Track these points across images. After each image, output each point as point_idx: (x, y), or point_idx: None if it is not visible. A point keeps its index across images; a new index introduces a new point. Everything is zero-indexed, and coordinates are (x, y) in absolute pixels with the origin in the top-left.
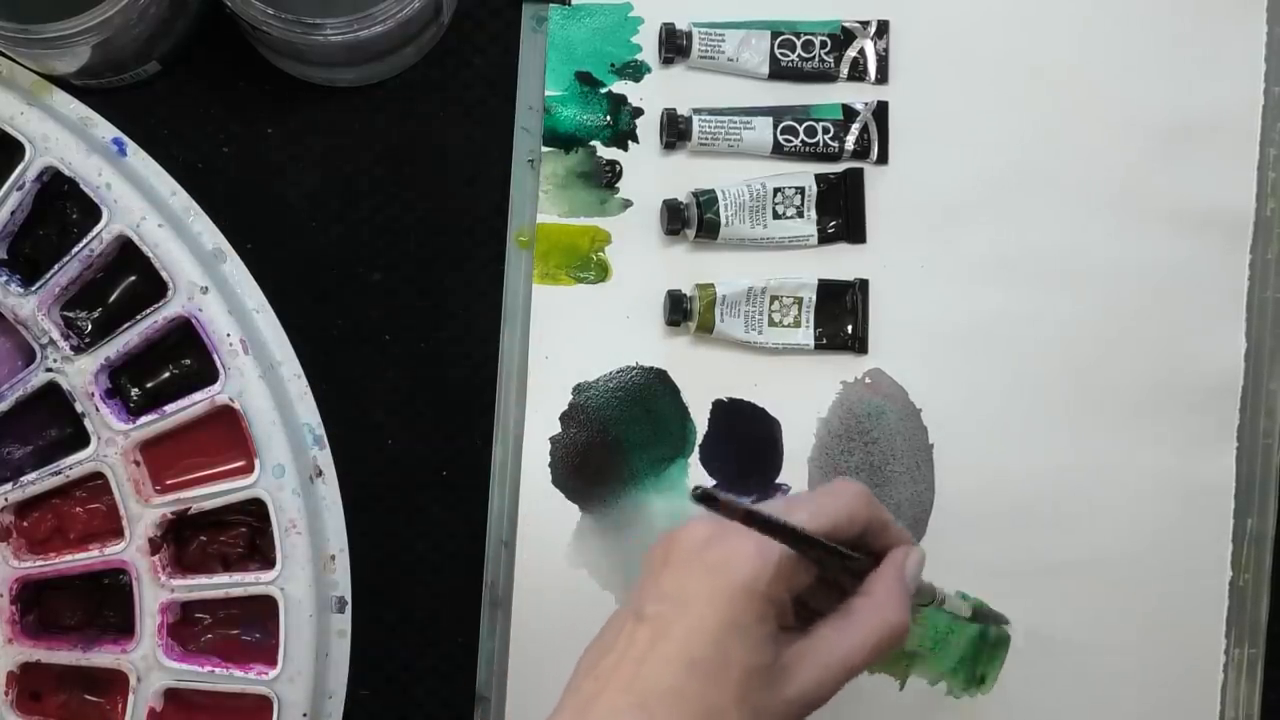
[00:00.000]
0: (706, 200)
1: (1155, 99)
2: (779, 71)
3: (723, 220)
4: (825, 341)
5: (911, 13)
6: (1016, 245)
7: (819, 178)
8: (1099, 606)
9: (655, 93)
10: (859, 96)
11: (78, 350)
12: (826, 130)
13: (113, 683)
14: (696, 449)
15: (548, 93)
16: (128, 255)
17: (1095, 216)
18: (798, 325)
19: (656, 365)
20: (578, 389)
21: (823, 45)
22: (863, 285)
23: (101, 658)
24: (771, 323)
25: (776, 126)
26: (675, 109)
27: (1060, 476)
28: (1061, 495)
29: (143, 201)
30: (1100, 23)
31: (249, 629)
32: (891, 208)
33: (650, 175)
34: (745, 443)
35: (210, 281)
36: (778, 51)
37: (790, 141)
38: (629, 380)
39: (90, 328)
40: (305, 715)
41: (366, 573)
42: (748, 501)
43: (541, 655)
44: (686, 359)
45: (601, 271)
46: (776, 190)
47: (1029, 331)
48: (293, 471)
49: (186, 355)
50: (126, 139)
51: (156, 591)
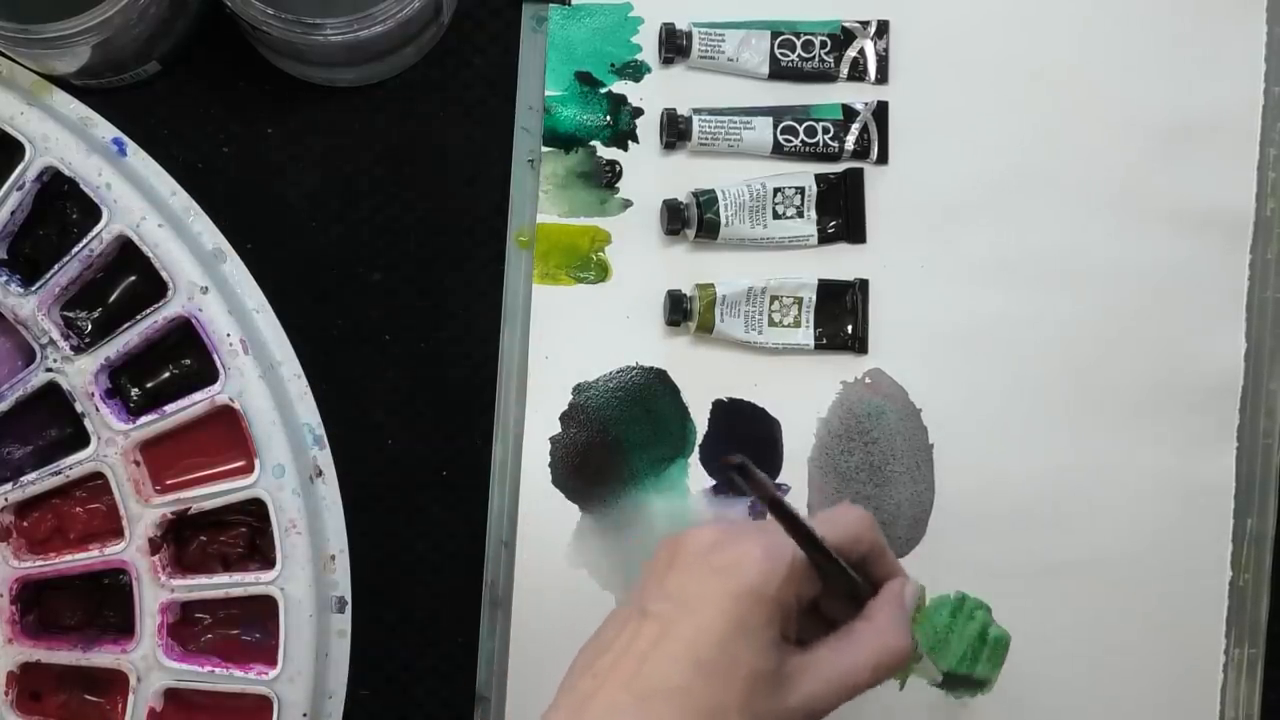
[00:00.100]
0: (706, 200)
1: (1155, 99)
2: (779, 71)
3: (723, 220)
4: (825, 341)
5: (911, 13)
6: (1016, 245)
7: (819, 178)
8: (1099, 606)
9: (655, 93)
10: (859, 96)
11: (78, 350)
12: (826, 130)
13: (113, 683)
14: (696, 449)
15: (548, 93)
16: (128, 255)
17: (1095, 216)
18: (798, 325)
19: (656, 365)
20: (578, 389)
21: (823, 45)
22: (863, 285)
23: (101, 658)
24: (771, 323)
25: (776, 126)
26: (675, 109)
27: (1060, 476)
28: (1061, 495)
29: (143, 201)
30: (1100, 23)
31: (249, 629)
32: (891, 208)
33: (650, 175)
34: (745, 443)
35: (210, 281)
36: (778, 51)
37: (790, 141)
38: (629, 380)
39: (90, 328)
40: (305, 715)
41: (366, 573)
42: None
43: (541, 655)
44: (686, 359)
45: (601, 271)
46: (776, 190)
47: (1029, 331)
48: (293, 471)
49: (186, 355)
50: (126, 139)
51: (156, 591)
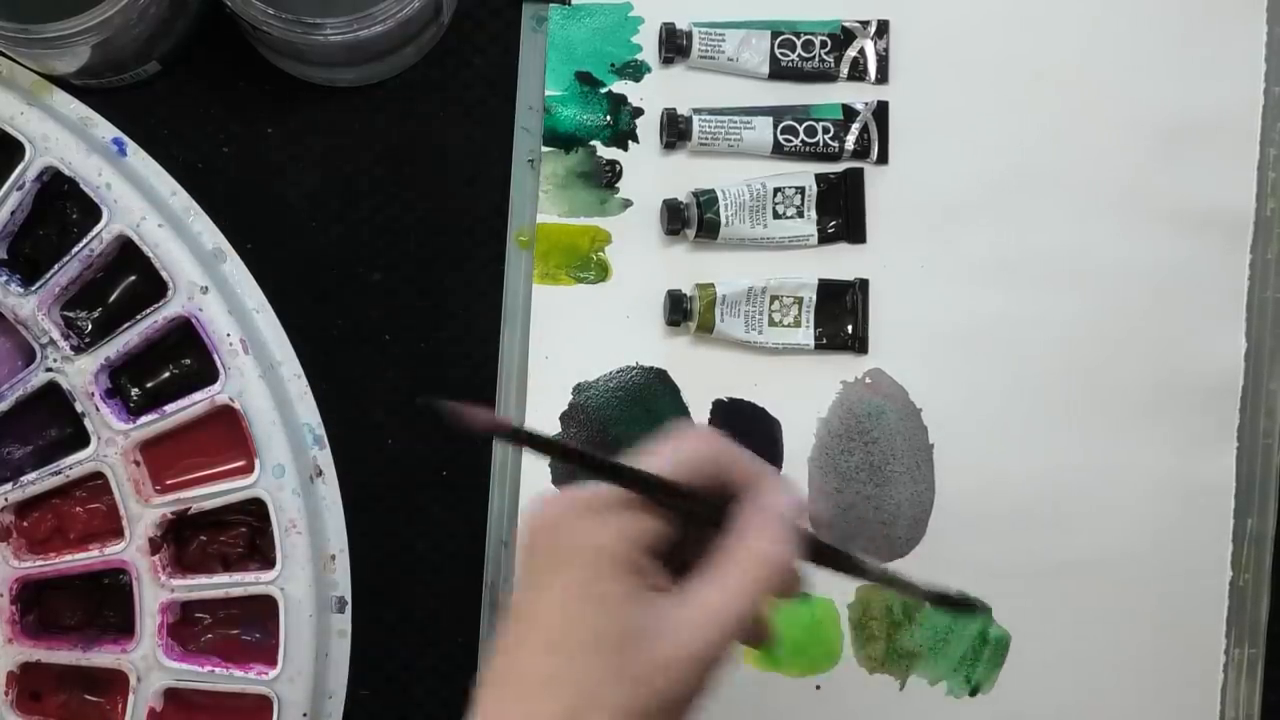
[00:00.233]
0: (706, 200)
1: (1154, 99)
2: (779, 71)
3: (723, 220)
4: (825, 341)
5: (911, 13)
6: (1016, 245)
7: (819, 177)
8: (1099, 606)
9: (655, 93)
10: (859, 96)
11: (78, 350)
12: (826, 130)
13: (113, 683)
14: None
15: (548, 93)
16: (128, 255)
17: (1095, 216)
18: (798, 325)
19: (656, 365)
20: (578, 389)
21: (823, 45)
22: (863, 285)
23: (101, 658)
24: (771, 323)
25: (776, 126)
26: (675, 109)
27: (1060, 476)
28: (1062, 495)
29: (143, 201)
30: (1099, 23)
31: (249, 629)
32: (891, 208)
33: (650, 175)
34: (745, 443)
35: (210, 281)
36: (778, 51)
37: (790, 141)
38: (629, 380)
39: (90, 328)
40: (305, 715)
41: (366, 573)
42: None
43: None
44: (686, 359)
45: (601, 271)
46: (776, 190)
47: (1029, 332)
48: (293, 471)
49: (186, 355)
50: (126, 139)
51: (156, 591)
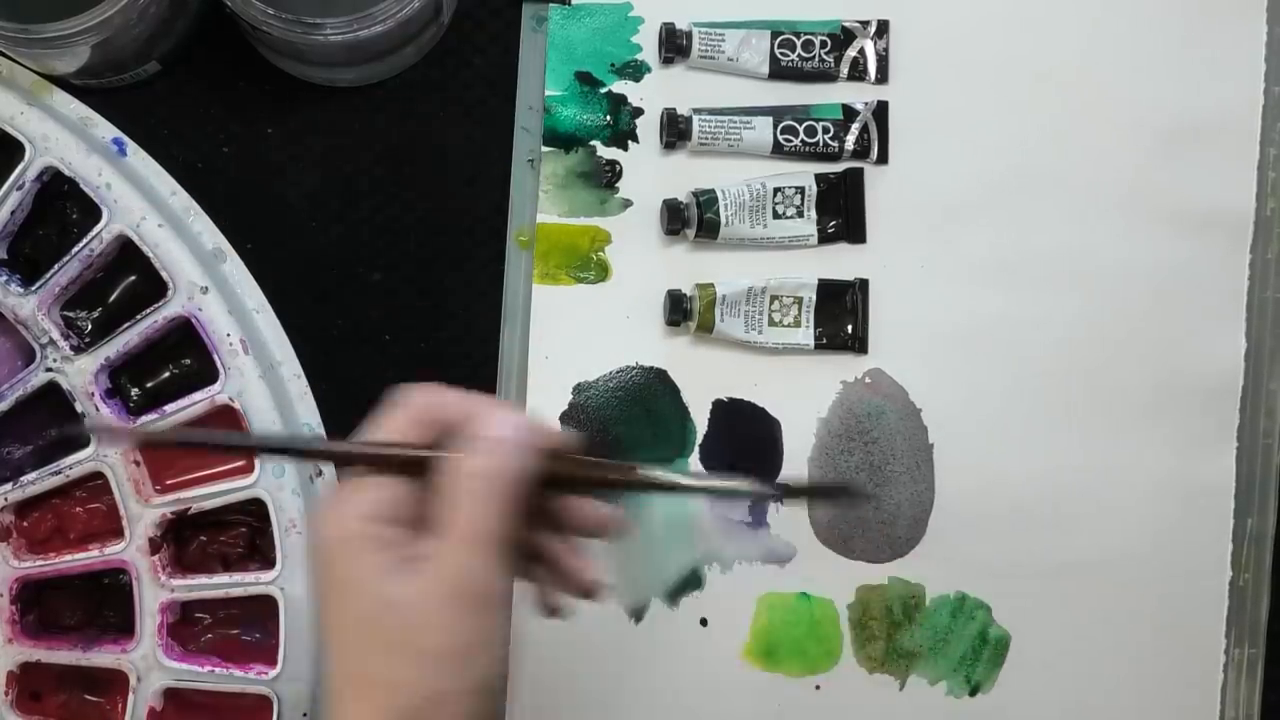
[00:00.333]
0: (706, 200)
1: (1154, 100)
2: (779, 71)
3: (723, 220)
4: (825, 341)
5: (911, 13)
6: (1016, 245)
7: (819, 177)
8: (1099, 606)
9: (655, 92)
10: (859, 96)
11: (78, 350)
12: (826, 130)
13: (113, 683)
14: (696, 449)
15: (548, 93)
16: (128, 255)
17: (1094, 217)
18: (798, 325)
19: (656, 365)
20: (578, 389)
21: (823, 45)
22: (863, 285)
23: (101, 658)
24: (771, 322)
25: (776, 126)
26: (675, 109)
27: (1060, 477)
28: (1061, 495)
29: (143, 201)
30: (1098, 23)
31: (249, 629)
32: (891, 208)
33: (650, 175)
34: (745, 443)
35: (210, 281)
36: (778, 51)
37: (790, 141)
38: (629, 380)
39: (90, 328)
40: (305, 715)
41: None
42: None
43: (541, 655)
44: (686, 359)
45: (601, 271)
46: (776, 190)
47: (1029, 332)
48: (293, 471)
49: (186, 355)
50: (126, 139)
51: (156, 591)
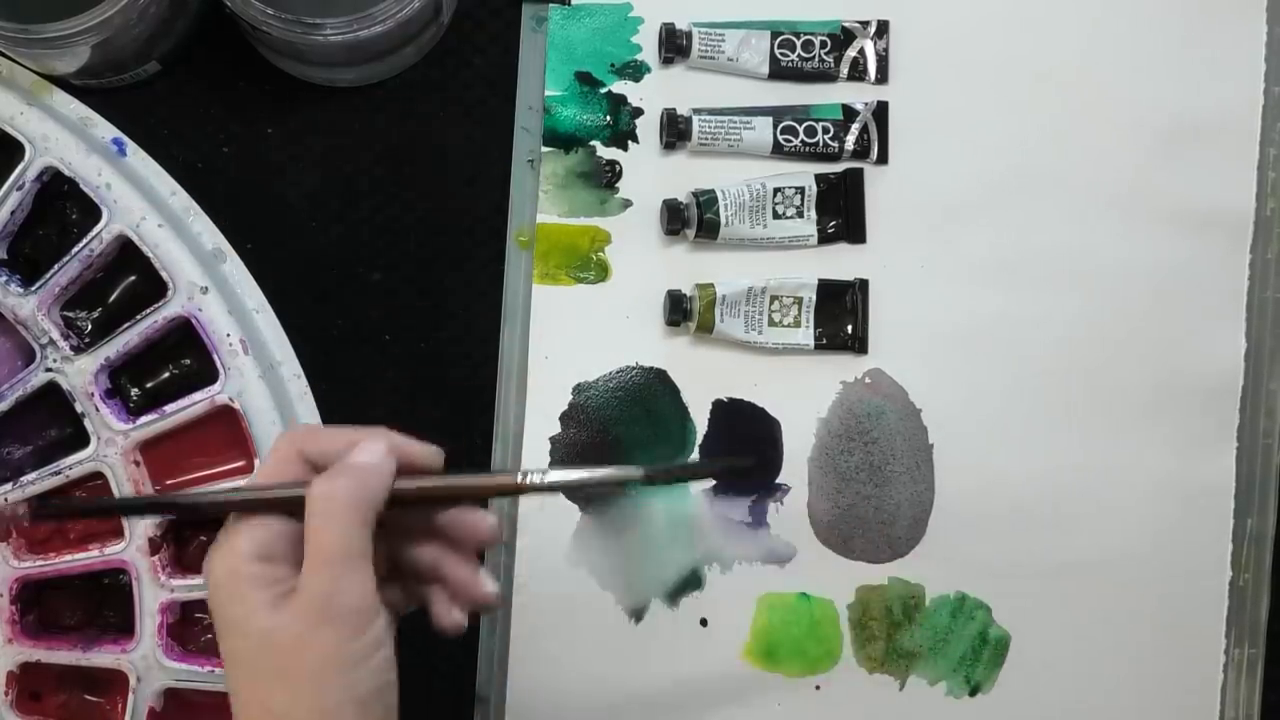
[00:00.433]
0: (706, 200)
1: (1154, 100)
2: (779, 71)
3: (723, 220)
4: (825, 341)
5: (911, 13)
6: (1016, 245)
7: (819, 178)
8: (1099, 606)
9: (655, 93)
10: (859, 96)
11: (78, 350)
12: (826, 130)
13: (113, 683)
14: (696, 449)
15: (548, 93)
16: (128, 255)
17: (1094, 217)
18: (798, 325)
19: (656, 365)
20: (578, 389)
21: (823, 45)
22: (863, 285)
23: (101, 658)
24: (771, 323)
25: (776, 126)
26: (675, 109)
27: (1060, 477)
28: (1061, 495)
29: (143, 201)
30: (1098, 23)
31: None
32: (891, 208)
33: (650, 175)
34: (745, 443)
35: (210, 281)
36: (778, 51)
37: (790, 141)
38: (629, 380)
39: (90, 328)
40: None
41: None
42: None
43: (541, 655)
44: (686, 359)
45: (601, 271)
46: (776, 190)
47: (1029, 332)
48: None
49: (186, 355)
50: (126, 139)
51: (156, 591)
